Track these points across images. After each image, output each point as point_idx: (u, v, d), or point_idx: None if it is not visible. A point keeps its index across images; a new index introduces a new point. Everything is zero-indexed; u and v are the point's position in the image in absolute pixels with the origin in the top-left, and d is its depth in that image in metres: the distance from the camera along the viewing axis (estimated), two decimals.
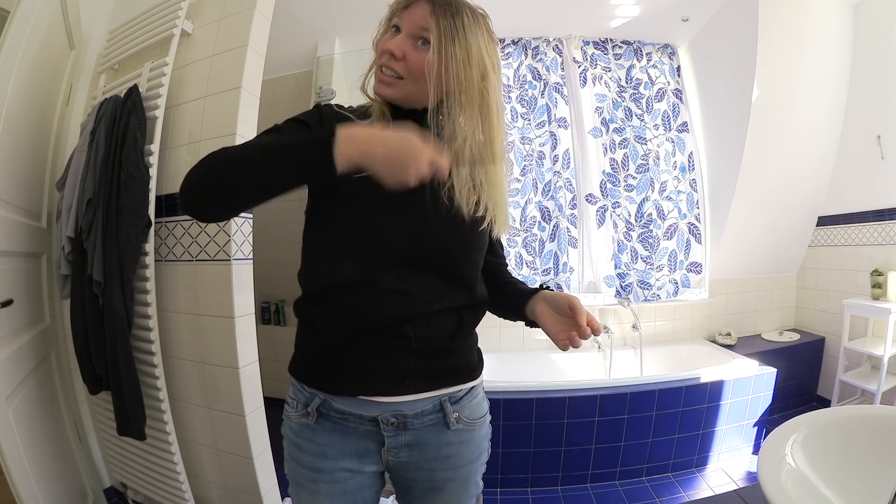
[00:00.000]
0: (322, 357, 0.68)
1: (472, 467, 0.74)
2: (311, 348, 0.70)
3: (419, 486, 0.73)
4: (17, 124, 1.31)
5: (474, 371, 0.74)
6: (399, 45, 0.63)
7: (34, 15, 1.30)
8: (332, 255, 0.66)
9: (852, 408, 1.28)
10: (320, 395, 0.68)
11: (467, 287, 0.70)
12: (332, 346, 0.67)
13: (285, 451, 0.73)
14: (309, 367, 0.70)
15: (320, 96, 2.20)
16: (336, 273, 0.65)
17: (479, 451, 0.74)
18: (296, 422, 0.70)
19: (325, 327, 0.67)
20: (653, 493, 1.88)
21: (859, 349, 2.29)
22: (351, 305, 0.64)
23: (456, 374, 0.71)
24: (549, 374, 2.42)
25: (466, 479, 0.73)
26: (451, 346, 0.70)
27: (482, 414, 0.75)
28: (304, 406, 0.69)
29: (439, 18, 0.61)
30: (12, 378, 1.23)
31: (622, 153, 2.72)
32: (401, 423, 0.67)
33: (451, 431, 0.70)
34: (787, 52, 2.37)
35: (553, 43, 2.75)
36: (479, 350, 0.77)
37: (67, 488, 1.46)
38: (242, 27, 1.41)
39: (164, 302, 1.45)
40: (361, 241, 0.65)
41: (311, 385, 0.69)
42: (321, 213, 0.68)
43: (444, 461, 0.71)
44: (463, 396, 0.71)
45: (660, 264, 2.71)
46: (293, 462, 0.71)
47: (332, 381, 0.67)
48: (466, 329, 0.72)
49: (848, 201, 2.65)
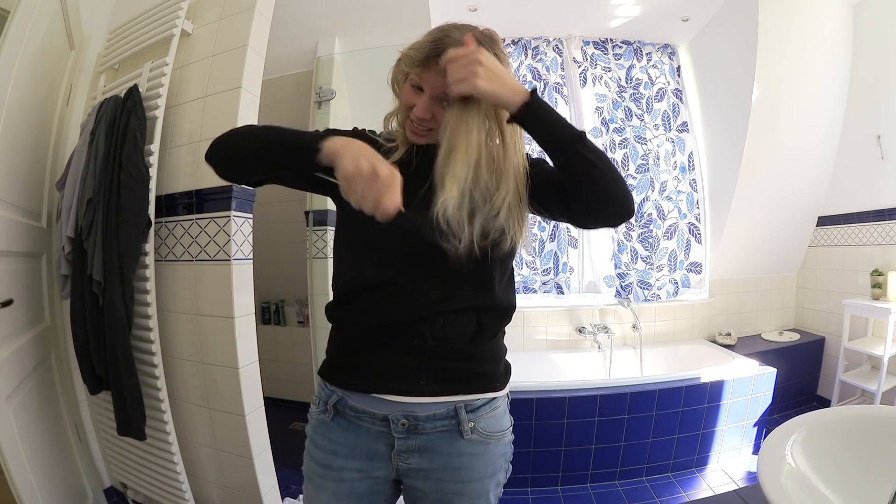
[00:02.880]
0: (342, 355, 0.72)
1: (485, 484, 0.70)
2: (334, 347, 0.73)
3: (428, 498, 0.71)
4: (17, 124, 1.31)
5: (496, 382, 0.72)
6: (426, 109, 0.65)
7: (34, 15, 1.30)
8: (355, 259, 0.70)
9: (852, 408, 1.28)
10: (338, 391, 0.70)
11: (488, 289, 0.69)
12: (351, 344, 0.70)
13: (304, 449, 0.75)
14: (331, 365, 0.73)
15: (320, 96, 2.20)
16: (358, 275, 0.69)
17: (495, 469, 0.71)
18: (315, 418, 0.73)
19: (347, 327, 0.71)
20: (653, 494, 1.88)
21: (859, 349, 2.29)
22: (369, 305, 0.67)
23: (474, 381, 0.69)
24: (549, 374, 2.41)
25: (478, 497, 0.70)
26: (470, 350, 0.68)
27: (502, 429, 0.72)
28: (325, 403, 0.72)
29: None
30: (12, 378, 1.23)
31: (622, 153, 2.72)
32: (412, 426, 0.67)
33: (465, 441, 0.68)
34: (787, 52, 2.37)
35: (553, 43, 2.75)
36: (507, 364, 0.75)
37: (67, 488, 1.46)
38: (242, 27, 1.41)
39: (164, 302, 1.45)
40: (381, 243, 0.67)
41: (332, 382, 0.72)
42: (346, 218, 0.71)
43: (454, 472, 0.69)
44: (481, 406, 0.69)
45: (660, 264, 2.71)
46: (307, 457, 0.74)
47: (348, 378, 0.70)
48: (487, 335, 0.70)
49: (848, 201, 2.65)
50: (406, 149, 0.71)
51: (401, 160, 0.70)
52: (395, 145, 0.72)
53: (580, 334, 2.60)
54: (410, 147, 0.72)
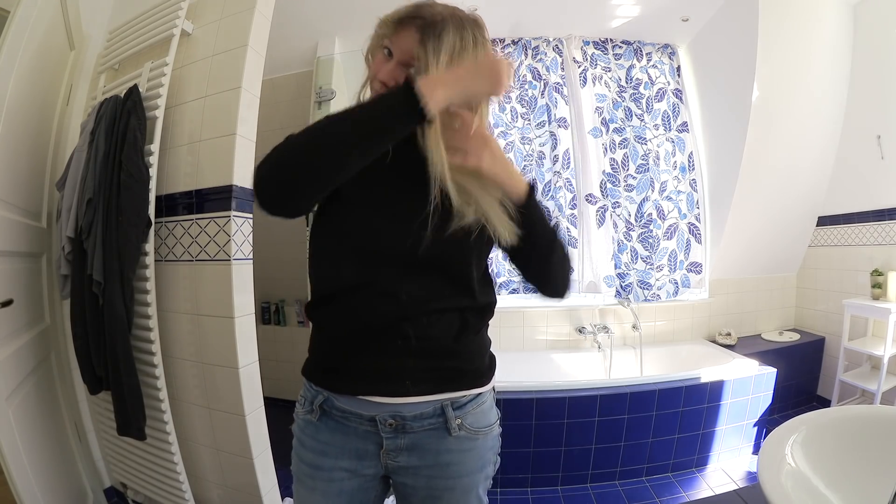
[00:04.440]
0: (326, 356, 0.71)
1: (474, 478, 0.71)
2: (318, 348, 0.72)
3: (418, 494, 0.71)
4: (17, 124, 1.31)
5: (482, 377, 0.72)
6: (391, 74, 0.65)
7: (34, 15, 1.30)
8: (334, 258, 0.68)
9: (852, 408, 1.28)
10: (324, 392, 0.70)
11: (469, 287, 0.69)
12: (335, 346, 0.69)
13: (293, 448, 0.74)
14: (315, 365, 0.72)
15: (320, 96, 2.20)
16: (338, 276, 0.67)
17: (484, 463, 0.72)
18: (302, 418, 0.73)
19: (330, 328, 0.70)
20: (653, 494, 1.88)
21: (859, 349, 2.29)
22: (351, 306, 0.66)
23: (460, 379, 0.70)
24: (549, 374, 2.42)
25: (468, 492, 0.71)
26: (455, 348, 0.69)
27: (488, 423, 0.72)
28: (310, 403, 0.71)
29: (427, 42, 0.61)
30: (12, 378, 1.23)
31: (622, 153, 2.72)
32: (399, 426, 0.67)
33: (453, 438, 0.68)
34: (787, 51, 2.38)
35: (553, 43, 2.75)
36: (492, 356, 0.76)
37: (67, 488, 1.46)
38: (242, 27, 1.41)
39: (164, 302, 1.45)
40: (361, 244, 0.66)
41: (317, 383, 0.71)
42: (324, 219, 0.69)
43: (444, 469, 0.69)
44: (467, 403, 0.70)
45: (660, 264, 2.71)
46: (296, 458, 0.73)
47: (334, 380, 0.69)
48: (471, 332, 0.70)
49: (848, 201, 2.65)
50: None
51: None
52: None
53: (580, 334, 2.60)
54: None
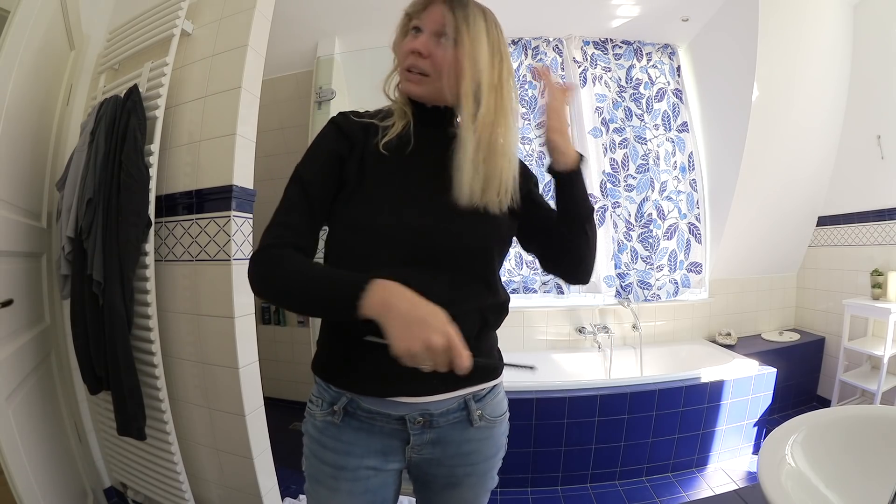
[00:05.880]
0: (348, 359, 0.68)
1: (490, 462, 0.76)
2: (337, 349, 0.70)
3: (439, 482, 0.75)
4: (17, 124, 1.31)
5: (496, 370, 0.76)
6: (424, 44, 0.67)
7: (34, 15, 1.30)
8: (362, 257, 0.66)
9: (852, 408, 1.28)
10: (347, 394, 0.69)
11: (490, 283, 0.71)
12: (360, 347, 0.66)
13: (306, 449, 0.73)
14: (336, 367, 0.70)
15: (320, 96, 2.21)
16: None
17: (498, 447, 0.77)
18: (320, 420, 0.70)
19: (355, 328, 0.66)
20: (653, 493, 1.88)
21: (859, 349, 2.29)
22: None
23: (480, 373, 0.72)
24: (549, 374, 2.41)
25: (485, 475, 0.76)
26: (476, 346, 0.68)
27: (503, 412, 0.77)
28: (330, 405, 0.69)
29: (456, 11, 0.66)
30: (12, 378, 1.23)
31: (622, 153, 2.72)
32: (427, 422, 0.69)
33: (474, 429, 0.72)
34: (787, 52, 2.37)
35: (553, 43, 2.75)
36: (498, 350, 0.79)
37: (67, 488, 1.46)
38: (242, 27, 1.41)
39: (164, 302, 1.45)
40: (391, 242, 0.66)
41: (339, 385, 0.69)
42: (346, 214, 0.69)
43: (465, 457, 0.73)
44: (486, 395, 0.74)
45: (660, 264, 2.71)
46: (315, 459, 0.71)
47: (360, 382, 0.68)
48: (490, 329, 0.74)
49: (848, 201, 2.65)
50: (403, 124, 0.71)
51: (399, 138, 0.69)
52: (392, 122, 0.71)
53: (580, 334, 2.60)
54: (407, 122, 0.71)
